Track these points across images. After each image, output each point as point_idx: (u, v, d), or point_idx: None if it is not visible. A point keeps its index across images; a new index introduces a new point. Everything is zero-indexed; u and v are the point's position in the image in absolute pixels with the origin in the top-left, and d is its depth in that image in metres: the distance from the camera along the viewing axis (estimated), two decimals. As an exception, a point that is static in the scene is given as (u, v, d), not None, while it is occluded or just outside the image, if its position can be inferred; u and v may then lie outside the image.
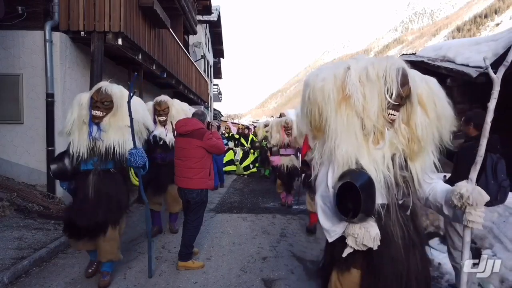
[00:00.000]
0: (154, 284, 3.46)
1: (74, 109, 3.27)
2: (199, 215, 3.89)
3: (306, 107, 1.76)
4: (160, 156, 4.68)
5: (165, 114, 4.73)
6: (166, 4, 9.59)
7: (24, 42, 5.83)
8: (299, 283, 3.55)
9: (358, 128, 1.60)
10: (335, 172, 1.61)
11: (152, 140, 4.57)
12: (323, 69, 1.76)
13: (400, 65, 1.60)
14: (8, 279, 3.29)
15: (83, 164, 3.18)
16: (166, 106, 4.74)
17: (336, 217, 1.61)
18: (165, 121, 4.75)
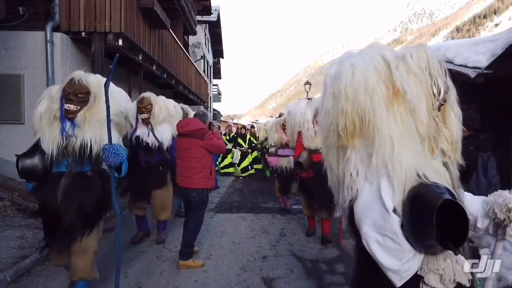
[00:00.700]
0: (155, 282, 3.49)
1: (43, 102, 2.79)
2: (199, 215, 3.92)
3: (337, 107, 1.39)
4: (144, 159, 4.34)
5: (148, 112, 4.31)
6: (166, 4, 9.62)
7: (25, 43, 5.87)
8: (298, 281, 3.59)
9: (416, 132, 1.31)
10: (397, 190, 1.24)
11: (134, 141, 4.28)
12: (354, 58, 1.41)
13: (438, 56, 1.37)
14: (10, 277, 3.33)
15: (55, 165, 2.69)
16: (149, 103, 4.32)
17: (405, 251, 1.22)
18: (147, 119, 4.31)
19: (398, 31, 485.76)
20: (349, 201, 1.40)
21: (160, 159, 4.36)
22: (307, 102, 4.82)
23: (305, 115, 4.59)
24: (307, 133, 4.50)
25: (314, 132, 4.45)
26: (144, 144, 4.26)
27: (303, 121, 4.58)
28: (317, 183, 4.34)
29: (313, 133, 4.45)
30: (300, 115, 4.68)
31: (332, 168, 1.51)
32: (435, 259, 1.24)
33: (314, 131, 4.45)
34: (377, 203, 1.28)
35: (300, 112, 4.70)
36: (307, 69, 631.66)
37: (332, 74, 1.45)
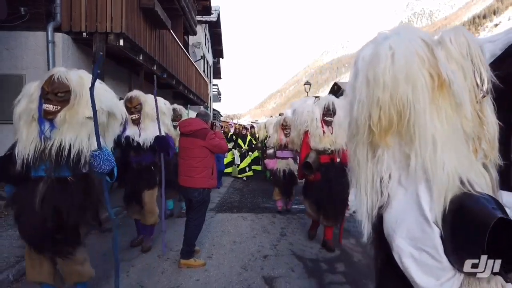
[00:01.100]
0: (156, 281, 3.51)
1: (22, 101, 2.56)
2: (200, 214, 3.95)
3: (371, 97, 1.20)
4: (135, 160, 4.14)
5: (138, 112, 4.12)
6: (166, 5, 9.64)
7: (27, 43, 5.89)
8: (299, 281, 3.61)
9: (461, 131, 1.14)
10: (436, 198, 1.07)
11: (124, 141, 4.06)
12: (392, 40, 1.19)
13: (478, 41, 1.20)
14: (13, 276, 3.35)
15: (33, 169, 2.44)
16: (138, 103, 4.12)
17: (445, 269, 1.06)
18: (138, 120, 4.13)
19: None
20: (378, 208, 1.24)
21: (151, 159, 4.20)
22: (315, 100, 4.67)
23: (313, 113, 4.40)
24: (315, 132, 4.33)
25: (323, 131, 4.31)
26: (135, 145, 4.07)
27: (311, 120, 4.41)
28: (324, 187, 4.27)
29: (321, 133, 4.31)
30: (307, 113, 4.50)
31: (359, 167, 1.30)
32: (478, 282, 1.08)
33: (323, 131, 4.31)
34: (415, 212, 1.11)
35: (307, 110, 4.52)
36: (306, 69, 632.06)
37: (366, 58, 1.24)
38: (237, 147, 11.43)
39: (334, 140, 4.29)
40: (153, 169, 4.21)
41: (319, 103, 4.43)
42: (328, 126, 4.35)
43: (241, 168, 11.18)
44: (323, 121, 4.35)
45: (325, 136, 4.29)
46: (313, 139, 4.35)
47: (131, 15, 6.41)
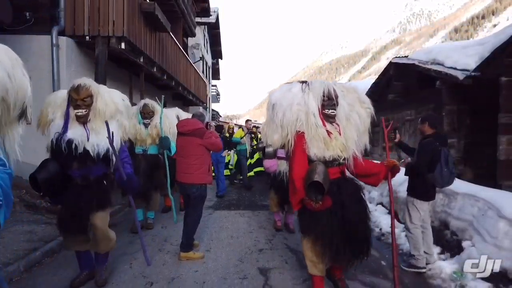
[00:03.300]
0: (158, 272, 3.73)
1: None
2: (198, 209, 4.19)
3: None
4: (78, 173, 3.09)
5: (86, 106, 3.07)
6: (166, 7, 9.86)
7: (32, 47, 6.09)
8: (292, 271, 3.83)
9: None
10: None
11: (66, 147, 2.96)
12: None
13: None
14: (23, 267, 3.57)
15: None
16: (88, 95, 3.08)
17: None
18: (85, 117, 3.07)
19: (396, 31, 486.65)
20: None
21: (103, 171, 3.21)
22: (303, 87, 3.11)
23: (307, 106, 2.97)
24: (316, 134, 2.89)
25: (327, 132, 2.89)
26: (81, 152, 3.00)
27: (306, 116, 2.95)
28: (334, 217, 2.81)
29: (326, 134, 2.88)
30: (297, 107, 3.01)
31: None
32: None
33: (327, 131, 2.89)
34: None
35: (296, 102, 3.01)
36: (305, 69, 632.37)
37: None
38: (234, 147, 10.67)
39: (345, 143, 2.91)
40: (105, 184, 3.24)
41: (312, 90, 3.02)
42: (331, 124, 2.95)
43: None
44: (323, 115, 2.94)
45: (332, 138, 2.88)
46: (314, 145, 2.89)
47: (132, 19, 6.62)
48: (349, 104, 3.05)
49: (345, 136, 2.93)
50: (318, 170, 2.70)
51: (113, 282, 3.47)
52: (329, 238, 2.77)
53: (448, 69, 6.96)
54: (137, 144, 5.16)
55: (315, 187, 2.69)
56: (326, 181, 2.67)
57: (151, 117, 5.20)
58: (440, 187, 3.83)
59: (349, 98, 3.10)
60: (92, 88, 3.14)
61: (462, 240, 4.08)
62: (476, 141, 7.05)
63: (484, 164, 6.72)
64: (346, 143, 2.91)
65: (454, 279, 3.60)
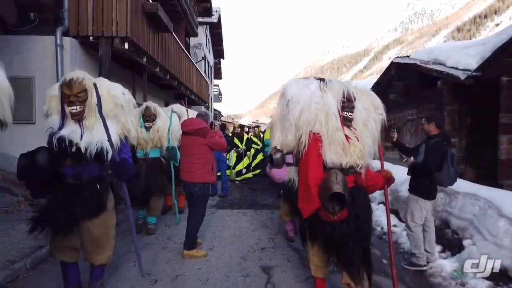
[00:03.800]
0: (162, 270, 3.78)
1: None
2: (201, 207, 4.24)
3: None
4: (71, 172, 2.77)
5: (80, 102, 2.74)
6: (168, 8, 9.92)
7: (36, 47, 6.15)
8: (294, 270, 3.88)
9: None
10: None
11: (57, 145, 2.67)
12: None
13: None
14: (29, 264, 3.64)
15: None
16: (82, 89, 2.74)
17: None
18: (81, 114, 2.75)
19: (398, 31, 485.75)
20: None
21: (97, 172, 2.88)
22: (321, 85, 2.76)
23: (327, 106, 2.64)
24: (335, 138, 2.57)
25: (346, 137, 2.59)
26: (73, 150, 2.70)
27: (326, 117, 2.62)
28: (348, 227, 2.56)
29: (344, 139, 2.58)
30: (315, 105, 2.67)
31: None
32: None
33: (345, 135, 2.59)
34: None
35: (315, 101, 2.67)
36: (307, 69, 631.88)
37: None
38: (234, 147, 10.51)
39: (363, 150, 2.65)
40: (98, 187, 2.86)
41: (331, 89, 2.71)
42: (349, 128, 2.67)
43: (238, 171, 10.33)
44: (342, 117, 2.65)
45: (351, 144, 2.59)
46: (332, 150, 2.59)
47: (135, 19, 6.68)
48: (365, 109, 2.77)
49: (363, 143, 2.66)
50: (339, 180, 2.41)
51: (118, 280, 3.53)
52: (341, 248, 2.60)
53: (449, 69, 6.99)
54: (138, 148, 5.01)
55: (334, 198, 2.43)
56: (347, 192, 2.41)
57: (153, 121, 5.04)
58: (445, 186, 3.94)
59: (363, 101, 2.80)
60: (86, 81, 2.77)
61: (463, 238, 4.12)
62: (477, 141, 7.08)
63: (485, 163, 6.74)
64: (364, 150, 2.65)
65: (455, 277, 3.64)
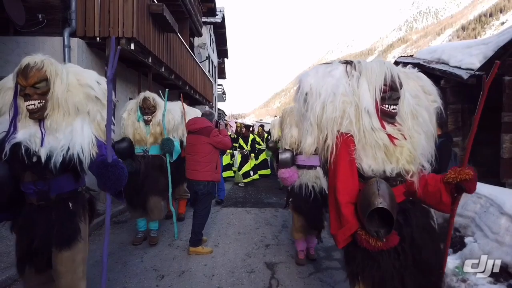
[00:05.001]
0: (168, 266, 3.87)
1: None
2: (206, 205, 4.32)
3: None
4: (32, 189, 2.05)
5: (40, 96, 2.05)
6: (173, 8, 10.02)
7: (44, 48, 6.24)
8: (298, 266, 3.94)
9: None
10: None
11: (8, 152, 1.97)
12: None
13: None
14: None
15: None
16: (41, 78, 2.04)
17: None
18: (41, 111, 2.06)
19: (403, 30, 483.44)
20: None
21: (70, 187, 2.16)
22: (348, 69, 2.08)
23: (359, 98, 1.97)
24: (371, 139, 1.91)
25: (388, 137, 1.92)
26: (33, 160, 1.99)
27: (356, 112, 1.97)
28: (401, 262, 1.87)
29: (387, 140, 1.91)
30: (342, 98, 1.99)
31: None
32: None
33: (388, 135, 1.92)
34: None
35: (340, 92, 1.99)
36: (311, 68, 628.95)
37: None
38: (238, 148, 10.09)
39: (413, 152, 1.93)
40: (71, 207, 2.13)
41: (366, 74, 1.99)
42: (392, 124, 1.97)
43: (245, 172, 9.91)
44: (381, 112, 1.95)
45: (398, 145, 1.92)
46: (370, 155, 1.93)
47: (141, 20, 6.76)
48: (413, 96, 2.04)
49: (413, 141, 1.94)
50: (382, 191, 1.74)
51: (126, 275, 3.62)
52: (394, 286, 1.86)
53: (452, 68, 7.03)
54: (137, 144, 4.51)
55: (377, 217, 1.79)
56: (394, 207, 1.76)
57: (153, 113, 4.53)
58: None
59: (411, 87, 2.07)
60: (47, 67, 2.05)
61: (464, 236, 4.17)
62: (479, 140, 7.09)
63: (487, 162, 6.78)
64: (415, 151, 1.93)
65: (456, 274, 3.70)
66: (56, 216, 2.07)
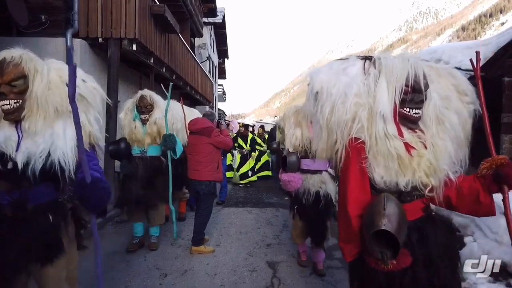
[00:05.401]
0: (171, 265, 3.92)
1: None
2: (208, 205, 4.37)
3: None
4: (7, 200, 1.79)
5: (17, 95, 1.80)
6: (174, 8, 10.06)
7: (47, 48, 6.28)
8: (299, 266, 3.99)
9: None
10: None
11: None
12: None
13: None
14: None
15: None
16: (18, 75, 1.79)
17: None
18: (18, 112, 1.80)
19: (403, 30, 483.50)
20: None
21: (50, 197, 1.90)
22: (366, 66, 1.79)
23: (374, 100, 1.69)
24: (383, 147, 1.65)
25: (404, 145, 1.65)
26: (8, 167, 1.77)
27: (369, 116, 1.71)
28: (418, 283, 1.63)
29: (402, 148, 1.64)
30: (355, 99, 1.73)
31: None
32: None
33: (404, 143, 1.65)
34: None
35: (354, 92, 1.72)
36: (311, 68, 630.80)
37: None
38: (238, 148, 9.87)
39: (435, 163, 1.66)
40: (51, 219, 1.86)
41: (386, 73, 1.69)
42: (412, 130, 1.71)
43: (243, 173, 9.73)
44: (400, 116, 1.68)
45: (413, 155, 1.65)
46: (381, 164, 1.67)
47: (143, 21, 6.81)
48: (443, 98, 1.75)
49: (435, 150, 1.68)
50: (388, 211, 1.51)
51: (129, 273, 3.66)
52: None
53: (452, 69, 7.06)
54: (134, 145, 4.30)
55: (383, 237, 1.52)
56: (402, 230, 1.52)
57: (150, 112, 4.30)
58: None
59: (441, 86, 1.77)
60: (25, 63, 1.81)
61: (464, 236, 4.22)
62: (479, 140, 7.14)
63: (487, 163, 6.81)
64: (437, 162, 1.66)
65: (456, 273, 3.73)
66: (34, 230, 1.80)
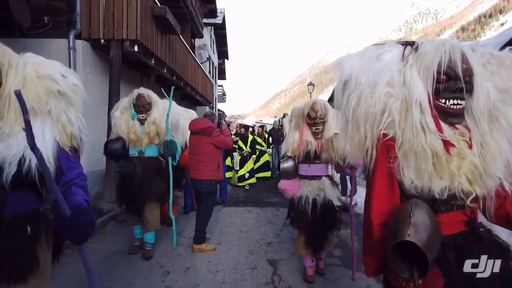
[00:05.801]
0: (173, 263, 3.98)
1: None
2: (209, 204, 4.44)
3: None
4: None
5: None
6: (174, 9, 10.14)
7: (49, 50, 6.35)
8: (299, 263, 4.03)
9: None
10: None
11: None
12: None
13: None
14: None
15: None
16: None
17: None
18: None
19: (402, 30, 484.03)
20: None
21: (30, 205, 1.61)
22: (406, 52, 1.51)
23: (409, 89, 1.43)
24: (417, 144, 1.37)
25: (443, 143, 1.35)
26: None
27: (401, 108, 1.44)
28: None
29: (440, 146, 1.35)
30: (385, 88, 1.46)
31: None
32: None
33: (443, 140, 1.35)
34: None
35: (385, 80, 1.47)
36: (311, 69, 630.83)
37: None
38: (238, 149, 9.73)
39: (483, 166, 1.34)
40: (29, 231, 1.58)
41: (420, 59, 1.44)
42: (454, 126, 1.40)
43: (241, 175, 9.54)
44: (438, 110, 1.40)
45: (453, 155, 1.35)
46: (412, 165, 1.39)
47: (144, 22, 6.88)
48: (501, 90, 1.43)
49: (484, 152, 1.37)
50: (415, 219, 1.24)
51: (132, 271, 3.72)
52: None
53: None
54: (131, 145, 4.14)
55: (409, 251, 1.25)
56: (432, 243, 1.23)
57: (148, 111, 4.14)
58: None
59: (501, 77, 1.45)
60: None
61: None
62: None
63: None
64: (485, 165, 1.35)
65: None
66: (8, 242, 1.54)
